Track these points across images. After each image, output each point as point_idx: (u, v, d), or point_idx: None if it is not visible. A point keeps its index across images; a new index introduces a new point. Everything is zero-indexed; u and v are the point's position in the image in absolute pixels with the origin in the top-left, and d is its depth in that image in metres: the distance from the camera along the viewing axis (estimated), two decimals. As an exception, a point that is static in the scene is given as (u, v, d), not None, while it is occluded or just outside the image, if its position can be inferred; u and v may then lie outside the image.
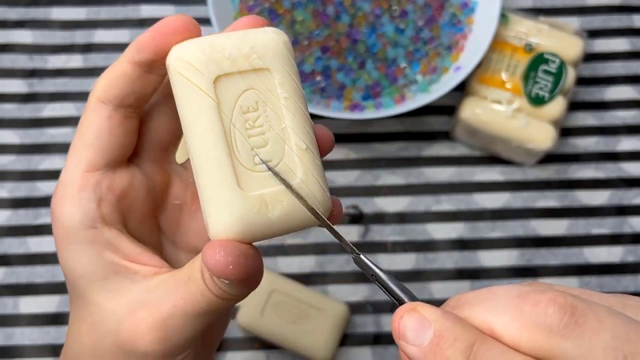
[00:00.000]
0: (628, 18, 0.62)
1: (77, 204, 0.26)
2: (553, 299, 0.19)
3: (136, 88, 0.27)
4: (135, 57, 0.26)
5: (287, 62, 0.25)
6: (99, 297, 0.26)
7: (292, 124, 0.24)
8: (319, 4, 0.57)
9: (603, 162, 0.58)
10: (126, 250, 0.27)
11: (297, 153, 0.24)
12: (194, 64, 0.24)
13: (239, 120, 0.24)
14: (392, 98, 0.56)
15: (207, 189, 0.24)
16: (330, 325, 0.50)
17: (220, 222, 0.23)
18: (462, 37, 0.58)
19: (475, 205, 0.56)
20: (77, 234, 0.26)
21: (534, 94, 0.55)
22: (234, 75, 0.24)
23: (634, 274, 0.55)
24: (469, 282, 0.54)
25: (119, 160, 0.28)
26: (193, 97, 0.24)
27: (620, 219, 0.56)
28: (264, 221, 0.24)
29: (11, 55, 0.61)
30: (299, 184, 0.24)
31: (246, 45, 0.24)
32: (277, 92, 0.24)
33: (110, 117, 0.27)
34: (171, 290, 0.25)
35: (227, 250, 0.23)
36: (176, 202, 0.30)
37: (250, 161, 0.24)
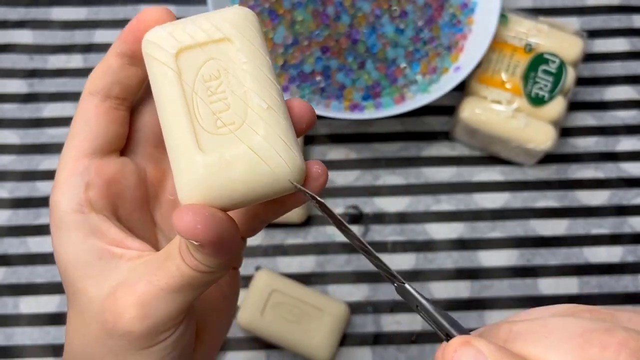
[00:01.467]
0: (628, 18, 0.62)
1: (66, 189, 0.27)
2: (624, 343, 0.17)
3: (120, 79, 0.28)
4: (118, 49, 0.27)
5: (247, 31, 0.25)
6: (85, 284, 0.26)
7: (253, 86, 0.25)
8: (319, 4, 0.57)
9: (603, 162, 0.58)
10: (111, 234, 0.27)
11: (258, 113, 0.24)
12: (157, 42, 0.25)
13: (200, 88, 0.25)
14: (392, 98, 0.56)
15: (172, 155, 0.24)
16: (330, 325, 0.50)
17: (184, 186, 0.24)
18: (462, 38, 0.58)
19: (475, 205, 0.56)
20: (65, 219, 0.27)
21: (533, 94, 0.55)
22: (195, 48, 0.25)
23: (634, 274, 0.55)
24: (469, 282, 0.54)
25: (108, 148, 0.28)
26: (157, 72, 0.25)
27: (620, 219, 0.56)
28: (226, 181, 0.24)
29: (11, 55, 0.61)
30: (260, 141, 0.24)
31: (207, 21, 0.25)
32: (237, 58, 0.25)
33: (97, 107, 0.28)
34: (149, 268, 0.25)
35: (194, 212, 0.23)
36: (171, 197, 0.30)
37: (212, 125, 0.24)
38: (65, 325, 0.53)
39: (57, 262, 0.27)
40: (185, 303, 0.26)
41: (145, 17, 0.27)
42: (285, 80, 0.56)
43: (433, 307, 0.22)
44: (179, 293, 0.25)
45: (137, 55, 0.27)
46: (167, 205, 0.31)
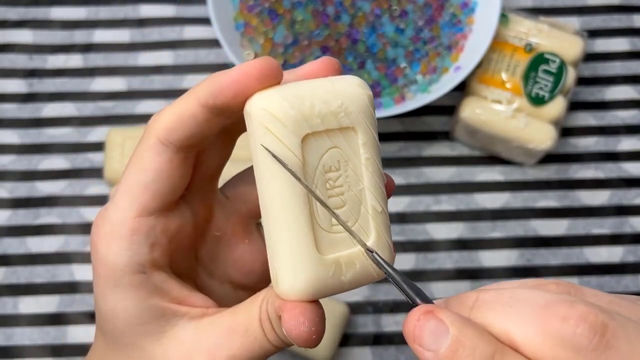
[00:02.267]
0: (628, 18, 0.62)
1: (128, 248, 0.25)
2: (584, 317, 0.18)
3: (203, 131, 0.25)
4: (209, 100, 0.24)
5: (371, 119, 0.24)
6: (145, 341, 0.25)
7: (370, 185, 0.24)
8: (319, 4, 0.57)
9: (603, 162, 0.58)
10: (174, 293, 0.26)
11: (372, 215, 0.24)
12: (283, 120, 0.22)
13: (320, 180, 0.23)
14: (392, 98, 0.56)
15: (284, 246, 0.23)
16: (331, 325, 0.50)
17: (295, 282, 0.23)
18: (462, 37, 0.58)
19: (475, 205, 0.56)
20: (123, 278, 0.25)
21: (534, 93, 0.55)
22: (321, 133, 0.23)
23: (634, 274, 0.55)
24: (469, 282, 0.54)
25: (173, 203, 0.27)
26: (278, 154, 0.23)
27: (620, 219, 0.56)
28: (336, 284, 0.24)
29: (11, 55, 0.61)
30: (371, 246, 0.24)
31: (335, 101, 0.23)
32: (360, 152, 0.24)
33: (171, 161, 0.25)
34: (227, 338, 0.25)
35: (310, 320, 0.23)
36: (217, 233, 0.29)
37: (328, 222, 0.24)
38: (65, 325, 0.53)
39: (104, 314, 0.26)
40: None
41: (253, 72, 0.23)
42: (285, 80, 0.56)
43: (400, 276, 0.23)
44: None
45: (231, 110, 0.24)
46: (212, 241, 0.29)
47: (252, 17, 0.57)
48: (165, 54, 0.61)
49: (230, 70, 0.24)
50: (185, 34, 0.62)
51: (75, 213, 0.56)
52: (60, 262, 0.55)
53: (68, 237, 0.55)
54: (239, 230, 0.30)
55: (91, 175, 0.57)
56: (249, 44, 0.57)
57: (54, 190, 0.57)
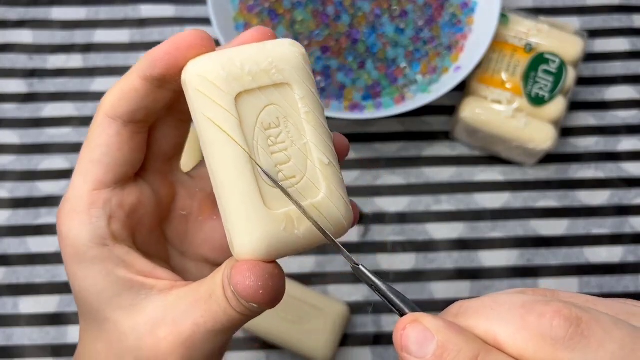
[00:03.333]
0: (628, 18, 0.62)
1: (87, 222, 0.26)
2: (558, 311, 0.19)
3: (146, 103, 0.26)
4: (147, 72, 0.25)
5: (306, 75, 0.25)
6: (115, 315, 0.26)
7: (314, 138, 0.24)
8: (319, 4, 0.57)
9: (603, 162, 0.58)
10: (139, 266, 0.26)
11: (319, 168, 0.24)
12: (214, 81, 0.23)
13: (261, 137, 0.24)
14: (392, 98, 0.56)
15: (232, 208, 0.23)
16: (331, 326, 0.50)
17: (247, 242, 0.23)
18: (462, 37, 0.58)
19: (475, 205, 0.56)
20: (87, 252, 0.26)
21: (534, 94, 0.55)
22: (255, 91, 0.23)
23: (634, 274, 0.54)
24: (469, 282, 0.54)
25: (128, 176, 0.27)
26: (214, 115, 0.23)
27: (620, 219, 0.56)
28: (290, 238, 0.23)
29: (11, 55, 0.61)
30: (323, 199, 0.24)
31: (265, 59, 0.24)
32: (298, 106, 0.24)
33: (119, 134, 0.26)
34: (192, 307, 0.25)
35: (257, 275, 0.23)
36: (182, 212, 0.30)
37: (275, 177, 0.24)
38: (65, 325, 0.53)
39: (77, 292, 0.26)
40: (227, 341, 0.26)
41: (184, 43, 0.25)
42: (285, 80, 0.56)
43: (386, 286, 0.23)
44: (224, 334, 0.25)
45: (169, 80, 0.25)
46: (178, 221, 0.30)
47: (252, 17, 0.57)
48: (166, 54, 0.61)
49: (163, 43, 0.25)
50: (185, 34, 0.62)
51: (75, 213, 0.56)
52: (60, 262, 0.55)
53: (68, 237, 0.55)
54: (206, 209, 0.30)
55: (91, 175, 0.57)
56: (249, 44, 0.57)
57: (54, 190, 0.57)
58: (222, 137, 0.23)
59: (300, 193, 0.24)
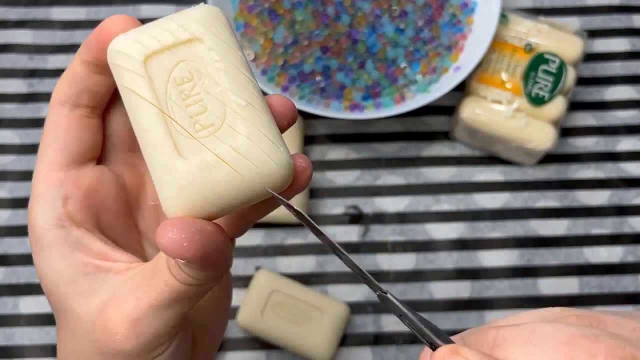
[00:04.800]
0: (628, 18, 0.62)
1: (43, 204, 0.26)
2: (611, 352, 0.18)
3: (88, 87, 0.27)
4: (83, 57, 0.26)
5: (216, 28, 0.25)
6: (73, 302, 0.25)
7: (229, 84, 0.24)
8: (319, 4, 0.57)
9: (603, 162, 0.58)
10: (96, 248, 0.26)
11: (237, 111, 0.24)
12: (123, 50, 0.24)
13: (174, 93, 0.24)
14: (392, 98, 0.56)
15: (151, 165, 0.23)
16: (330, 326, 0.50)
17: (167, 196, 0.23)
18: (462, 37, 0.58)
19: (475, 205, 0.56)
20: (46, 236, 0.26)
21: (533, 94, 0.55)
22: (163, 52, 0.24)
23: (634, 274, 0.55)
24: (469, 282, 0.54)
25: (83, 158, 0.27)
26: (127, 81, 0.24)
27: (620, 219, 0.56)
28: (210, 186, 0.23)
29: (11, 55, 0.61)
30: (244, 141, 0.23)
31: (173, 23, 0.24)
32: (210, 57, 0.24)
33: (67, 116, 0.27)
34: (138, 284, 0.24)
35: (180, 227, 0.22)
36: (151, 203, 0.30)
37: (191, 129, 0.23)
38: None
39: (41, 280, 0.26)
40: (178, 317, 0.25)
41: (109, 26, 0.25)
42: (285, 80, 0.56)
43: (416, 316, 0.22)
44: (170, 308, 0.24)
45: (102, 63, 0.26)
46: (149, 212, 0.30)
47: (252, 18, 0.57)
48: (165, 54, 0.61)
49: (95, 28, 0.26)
50: (185, 34, 0.62)
51: (75, 213, 0.56)
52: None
53: (68, 237, 0.55)
54: None
55: (91, 175, 0.57)
56: (249, 44, 0.57)
57: (54, 190, 0.57)
58: (136, 100, 0.24)
59: (219, 140, 0.23)
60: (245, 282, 0.53)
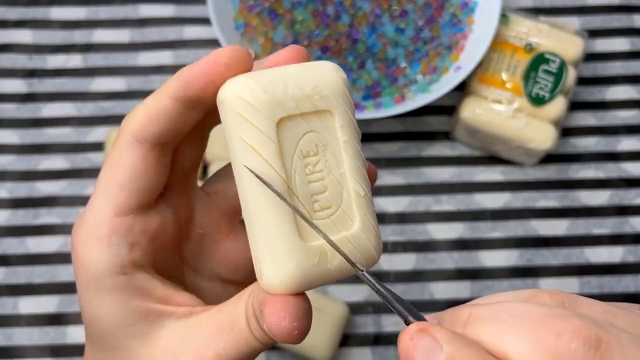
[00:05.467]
0: (628, 18, 0.62)
1: (107, 250, 0.24)
2: (577, 331, 0.18)
3: (177, 125, 0.25)
4: (180, 93, 0.24)
5: (347, 102, 0.24)
6: (129, 344, 0.25)
7: (351, 168, 0.23)
8: (319, 4, 0.57)
9: (603, 162, 0.58)
10: (158, 292, 0.25)
11: (355, 199, 0.23)
12: (256, 105, 0.22)
13: (299, 166, 0.23)
14: (392, 98, 0.56)
15: (265, 237, 0.22)
16: (331, 326, 0.50)
17: (278, 275, 0.22)
18: (462, 37, 0.58)
19: (475, 205, 0.56)
20: (104, 280, 0.24)
21: (534, 93, 0.55)
22: (296, 117, 0.22)
23: (635, 274, 0.54)
24: (469, 282, 0.54)
25: (151, 201, 0.26)
26: (253, 140, 0.22)
27: (620, 219, 0.56)
28: (322, 272, 0.23)
29: (10, 55, 0.61)
30: (357, 231, 0.23)
31: (308, 84, 0.23)
32: (338, 134, 0.23)
33: (146, 158, 0.25)
34: (214, 337, 0.24)
35: (292, 315, 0.22)
36: (200, 231, 0.29)
37: (310, 209, 0.23)
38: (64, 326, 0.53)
39: (90, 319, 0.25)
40: None
41: (220, 62, 0.23)
42: (285, 80, 0.56)
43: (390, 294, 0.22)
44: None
45: (203, 101, 0.24)
46: (195, 239, 0.29)
47: (252, 17, 0.57)
48: (165, 54, 0.61)
49: (199, 61, 0.24)
50: (185, 34, 0.62)
51: (75, 213, 0.56)
52: (60, 262, 0.54)
53: (68, 237, 0.55)
54: (222, 227, 0.29)
55: (91, 175, 0.57)
56: (249, 44, 0.57)
57: (54, 190, 0.57)
58: (259, 163, 0.22)
59: (334, 225, 0.23)
60: (245, 282, 0.53)
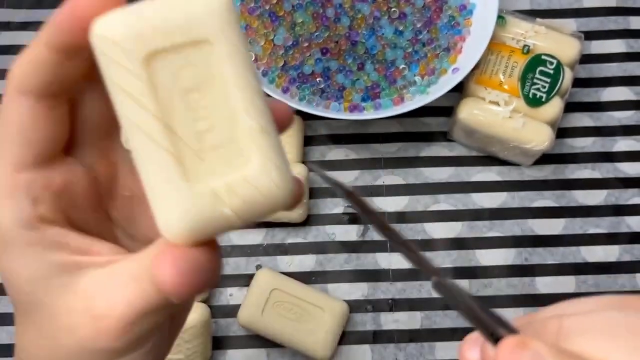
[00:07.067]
0: (624, 20, 0.63)
1: (9, 207, 0.23)
2: None
3: (59, 75, 0.23)
4: (53, 40, 0.22)
5: (231, 29, 0.21)
6: (49, 297, 0.23)
7: (242, 101, 0.21)
8: (319, 6, 0.58)
9: (599, 162, 0.58)
10: (75, 243, 0.24)
11: (249, 135, 0.21)
12: (120, 41, 0.20)
13: (181, 104, 0.20)
14: (391, 99, 0.57)
15: (151, 185, 0.21)
16: (330, 324, 0.51)
17: (170, 220, 0.21)
18: (460, 39, 0.58)
19: (473, 204, 0.57)
20: (14, 238, 0.23)
21: (531, 95, 0.56)
22: (169, 51, 0.20)
23: (631, 273, 0.55)
24: (467, 281, 0.55)
25: (51, 154, 0.24)
26: (122, 82, 0.20)
27: (616, 219, 0.57)
28: (218, 216, 0.21)
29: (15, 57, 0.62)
30: (255, 170, 0.21)
31: (180, 13, 0.20)
32: (223, 66, 0.21)
33: (33, 109, 0.23)
34: (126, 284, 0.23)
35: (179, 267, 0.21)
36: (126, 193, 0.27)
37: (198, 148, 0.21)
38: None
39: (8, 282, 0.24)
40: (166, 316, 0.24)
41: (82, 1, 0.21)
42: (285, 81, 0.57)
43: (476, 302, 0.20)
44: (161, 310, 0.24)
45: (77, 48, 0.22)
46: (123, 201, 0.27)
47: (252, 19, 0.58)
48: (167, 56, 0.62)
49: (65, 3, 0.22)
50: (186, 36, 0.63)
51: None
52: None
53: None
54: None
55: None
56: (250, 46, 0.58)
57: (58, 190, 0.57)
58: (133, 107, 0.20)
59: (227, 165, 0.21)
60: (246, 281, 0.54)
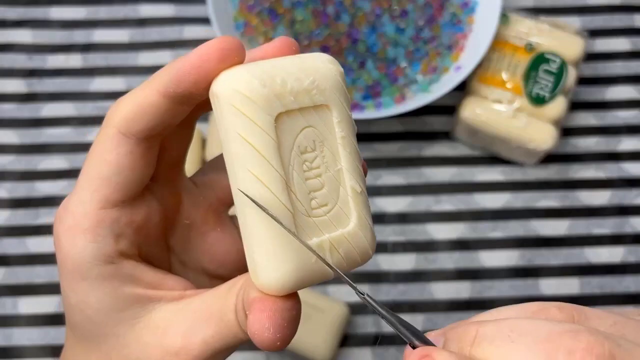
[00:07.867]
0: (629, 18, 0.62)
1: (92, 240, 0.24)
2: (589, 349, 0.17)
3: (165, 121, 0.24)
4: (170, 89, 0.23)
5: (344, 96, 0.23)
6: (118, 329, 0.25)
7: (348, 164, 0.23)
8: (319, 4, 0.57)
9: (604, 162, 0.58)
10: (148, 278, 0.25)
11: (351, 196, 0.23)
12: (254, 99, 0.21)
13: (297, 162, 0.22)
14: (393, 98, 0.56)
15: (262, 237, 0.22)
16: (331, 326, 0.50)
17: (274, 274, 0.22)
18: (462, 37, 0.58)
19: (475, 205, 0.56)
20: (91, 270, 0.24)
21: (534, 93, 0.55)
22: (295, 111, 0.22)
23: (636, 274, 0.54)
24: (469, 282, 0.54)
25: (137, 194, 0.26)
26: (250, 135, 0.21)
27: (621, 219, 0.56)
28: (320, 270, 0.22)
29: (10, 55, 0.61)
30: (353, 228, 0.23)
31: (306, 78, 0.22)
32: (335, 130, 0.23)
33: (132, 152, 0.24)
34: (202, 323, 0.24)
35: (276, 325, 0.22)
36: (186, 222, 0.29)
37: (308, 206, 0.22)
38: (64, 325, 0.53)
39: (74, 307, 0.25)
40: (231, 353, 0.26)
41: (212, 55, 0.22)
42: (285, 79, 0.56)
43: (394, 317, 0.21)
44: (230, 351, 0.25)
45: (194, 97, 0.23)
46: (181, 229, 0.29)
47: (252, 17, 0.57)
48: (165, 54, 0.61)
49: (189, 55, 0.22)
50: (185, 34, 0.62)
51: (74, 213, 0.56)
52: (60, 262, 0.54)
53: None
54: (209, 219, 0.29)
55: (91, 175, 0.57)
56: (249, 44, 0.57)
57: (54, 190, 0.57)
58: (257, 159, 0.21)
59: (331, 222, 0.23)
60: (245, 283, 0.53)
